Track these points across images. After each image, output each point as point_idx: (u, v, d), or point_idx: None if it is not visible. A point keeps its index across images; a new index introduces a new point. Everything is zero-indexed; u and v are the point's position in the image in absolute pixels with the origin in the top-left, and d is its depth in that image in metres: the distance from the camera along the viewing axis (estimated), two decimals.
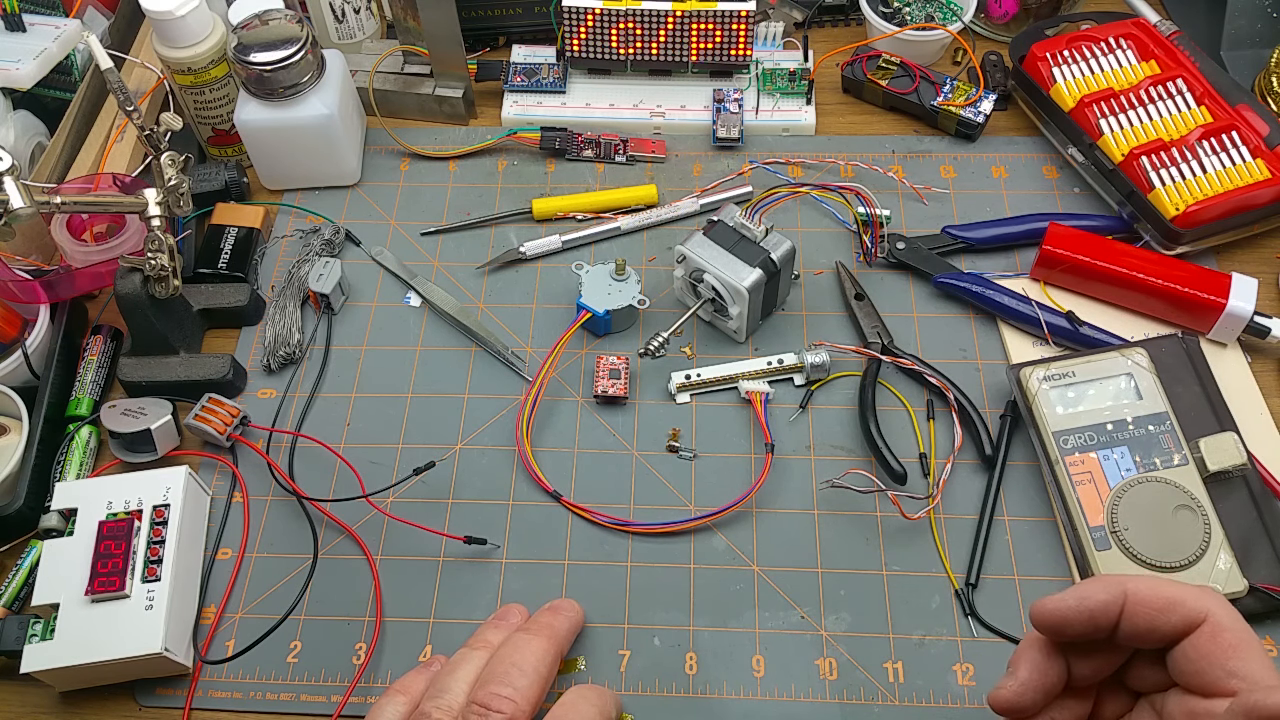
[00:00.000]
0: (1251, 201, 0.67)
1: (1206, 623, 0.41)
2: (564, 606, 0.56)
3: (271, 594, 0.60)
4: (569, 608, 0.56)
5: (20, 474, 0.62)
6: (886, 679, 0.56)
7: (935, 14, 0.81)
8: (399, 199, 0.77)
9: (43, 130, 0.76)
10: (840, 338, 0.68)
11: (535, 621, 0.54)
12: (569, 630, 0.55)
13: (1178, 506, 0.57)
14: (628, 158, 0.78)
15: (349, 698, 0.56)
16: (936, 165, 0.77)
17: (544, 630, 0.53)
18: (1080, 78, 0.73)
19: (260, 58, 0.69)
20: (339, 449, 0.64)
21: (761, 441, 0.63)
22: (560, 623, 0.54)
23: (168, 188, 0.62)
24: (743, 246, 0.64)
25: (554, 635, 0.53)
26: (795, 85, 0.79)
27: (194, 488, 0.61)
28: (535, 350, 0.69)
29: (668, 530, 0.61)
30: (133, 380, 0.66)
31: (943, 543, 0.60)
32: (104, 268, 0.68)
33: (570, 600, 0.57)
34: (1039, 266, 0.69)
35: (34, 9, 0.76)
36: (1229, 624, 0.41)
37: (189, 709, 0.56)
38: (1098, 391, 0.61)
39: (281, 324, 0.69)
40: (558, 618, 0.55)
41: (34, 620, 0.55)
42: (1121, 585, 0.42)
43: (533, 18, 0.83)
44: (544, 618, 0.55)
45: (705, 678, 0.56)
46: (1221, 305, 0.64)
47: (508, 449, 0.65)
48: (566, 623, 0.55)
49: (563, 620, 0.55)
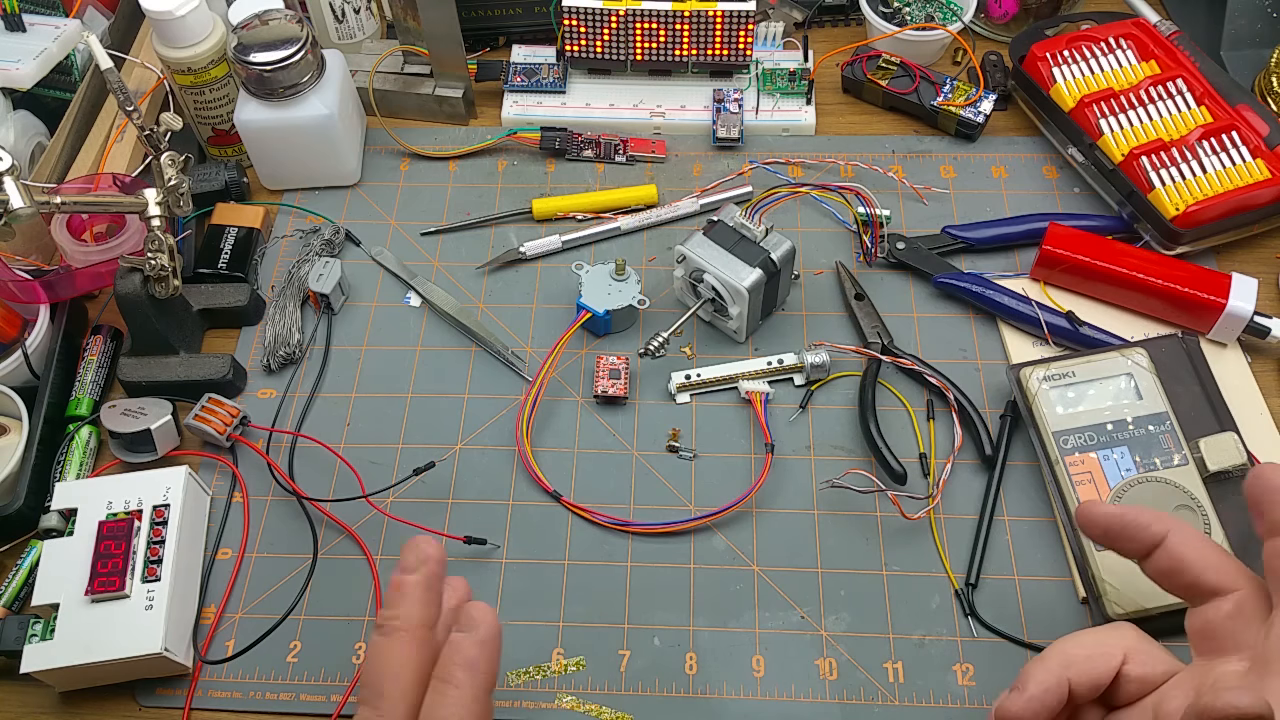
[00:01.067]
0: (1251, 201, 0.67)
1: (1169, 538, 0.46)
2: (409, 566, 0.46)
3: (271, 594, 0.60)
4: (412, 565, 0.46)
5: (20, 474, 0.62)
6: (886, 679, 0.56)
7: (935, 14, 0.81)
8: (399, 199, 0.77)
9: (43, 130, 0.76)
10: (840, 338, 0.68)
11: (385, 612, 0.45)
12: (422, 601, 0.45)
13: (1178, 506, 0.57)
14: (628, 158, 0.78)
15: (349, 697, 0.56)
16: (936, 165, 0.77)
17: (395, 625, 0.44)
18: (1080, 78, 0.73)
19: (260, 58, 0.69)
20: (339, 449, 0.64)
21: (761, 441, 0.63)
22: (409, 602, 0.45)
23: (168, 188, 0.62)
24: (743, 246, 0.64)
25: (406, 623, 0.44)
26: (795, 85, 0.79)
27: (194, 488, 0.61)
28: (535, 350, 0.69)
29: (668, 530, 0.61)
30: (133, 380, 0.66)
31: (943, 543, 0.60)
32: (104, 268, 0.68)
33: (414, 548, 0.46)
34: (1039, 266, 0.69)
35: (34, 9, 0.76)
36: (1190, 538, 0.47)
37: (189, 709, 0.56)
38: (1098, 391, 0.61)
39: (281, 324, 0.69)
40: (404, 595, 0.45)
41: (34, 620, 0.55)
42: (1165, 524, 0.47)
43: (533, 18, 0.83)
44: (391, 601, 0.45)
45: (705, 678, 0.56)
46: (1221, 305, 0.64)
47: (508, 449, 0.65)
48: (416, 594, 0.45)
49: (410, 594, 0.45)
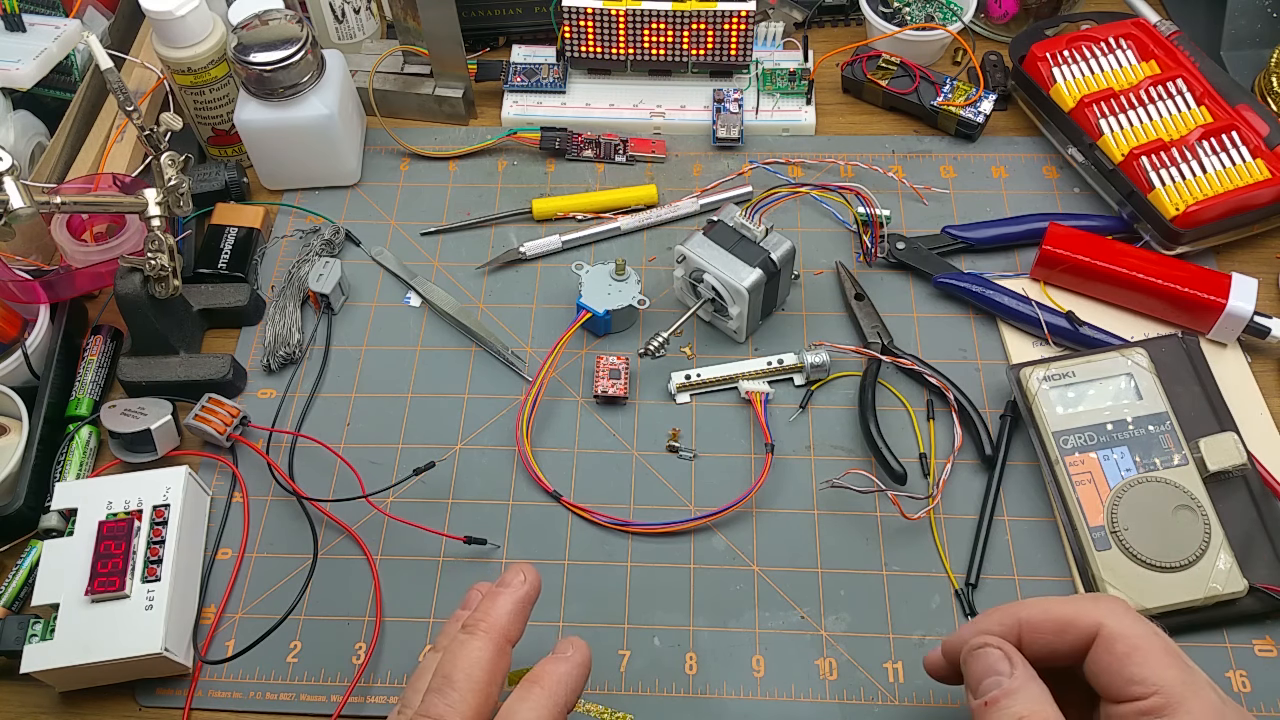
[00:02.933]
0: (1251, 201, 0.67)
1: (1100, 635, 0.42)
2: (509, 581, 0.49)
3: (271, 594, 0.60)
4: (513, 580, 0.48)
5: (20, 474, 0.62)
6: (886, 679, 0.56)
7: (935, 14, 0.81)
8: (399, 199, 0.77)
9: (43, 130, 0.76)
10: (840, 338, 0.69)
11: (474, 615, 0.47)
12: (512, 612, 0.47)
13: (1178, 506, 0.57)
14: (628, 158, 0.78)
15: (349, 698, 0.56)
16: (936, 165, 0.77)
17: (479, 625, 0.46)
18: (1080, 78, 0.73)
19: (260, 58, 0.69)
20: (339, 449, 0.64)
21: (761, 441, 0.63)
22: (500, 609, 0.47)
23: (168, 188, 0.62)
24: (743, 246, 0.64)
25: (491, 628, 0.46)
26: (795, 85, 0.79)
27: (194, 488, 0.61)
28: (535, 350, 0.69)
29: (668, 530, 0.61)
30: (133, 380, 0.66)
31: (943, 543, 0.60)
32: (104, 268, 0.68)
33: (520, 568, 0.49)
34: (1039, 266, 0.69)
35: (34, 9, 0.76)
36: (1122, 632, 0.42)
37: (189, 709, 0.56)
38: (1098, 391, 0.61)
39: (281, 324, 0.69)
40: (497, 602, 0.47)
41: (34, 620, 0.55)
42: (1015, 614, 0.44)
43: (533, 18, 0.84)
44: (483, 606, 0.48)
45: (705, 678, 0.56)
46: (1221, 305, 0.64)
47: (508, 449, 0.65)
48: (508, 605, 0.47)
49: (503, 603, 0.47)
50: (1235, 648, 0.56)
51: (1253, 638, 0.56)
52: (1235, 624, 0.56)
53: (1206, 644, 0.56)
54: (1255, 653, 0.55)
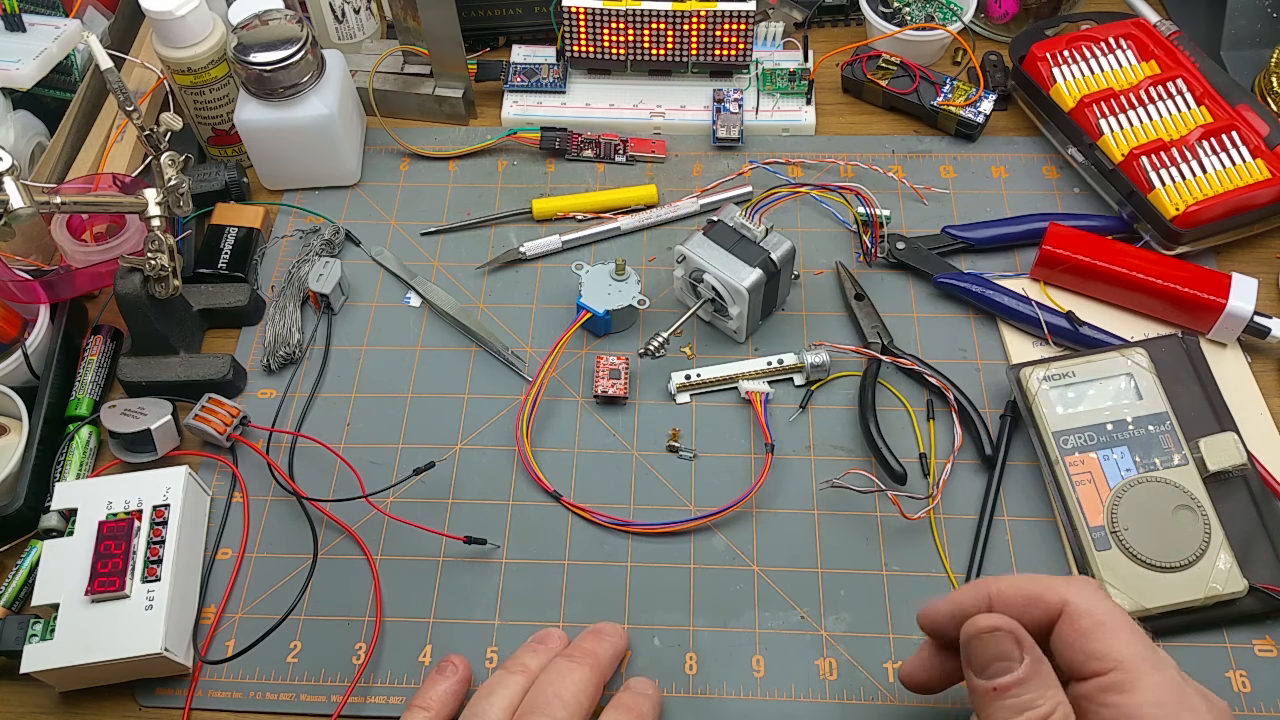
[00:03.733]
0: (1251, 201, 0.67)
1: (1065, 611, 0.43)
2: (608, 631, 0.54)
3: (271, 594, 0.60)
4: (613, 633, 0.54)
5: (20, 474, 0.62)
6: (886, 679, 0.56)
7: (935, 14, 0.81)
8: (399, 199, 0.77)
9: (43, 130, 0.76)
10: (840, 338, 0.68)
11: (578, 647, 0.52)
12: (612, 657, 0.53)
13: (1178, 506, 0.57)
14: (628, 158, 0.78)
15: (349, 698, 0.56)
16: (936, 165, 0.77)
17: (587, 658, 0.51)
18: (1080, 78, 0.73)
19: (260, 58, 0.69)
20: (339, 449, 0.64)
21: (761, 441, 0.63)
22: (604, 649, 0.52)
23: (168, 188, 0.62)
24: (743, 246, 0.64)
25: (597, 663, 0.51)
26: (795, 85, 0.79)
27: (194, 488, 0.61)
28: (535, 350, 0.69)
29: (668, 530, 0.61)
30: (133, 380, 0.66)
31: (943, 543, 0.60)
32: (104, 268, 0.68)
33: (615, 625, 0.56)
34: (1039, 266, 0.69)
35: (34, 9, 0.76)
36: (1086, 608, 0.42)
37: (189, 709, 0.56)
38: (1098, 391, 0.61)
39: (281, 324, 0.69)
40: (601, 643, 0.53)
41: (34, 620, 0.55)
42: (985, 587, 0.45)
43: (533, 18, 0.84)
44: (587, 643, 0.53)
45: (705, 678, 0.56)
46: (1221, 305, 0.64)
47: (508, 449, 0.65)
48: (610, 649, 0.53)
49: (606, 646, 0.53)
50: (1235, 648, 0.56)
51: (1253, 638, 0.56)
52: (1235, 624, 0.56)
53: (1206, 644, 0.56)
54: (1255, 653, 0.55)
